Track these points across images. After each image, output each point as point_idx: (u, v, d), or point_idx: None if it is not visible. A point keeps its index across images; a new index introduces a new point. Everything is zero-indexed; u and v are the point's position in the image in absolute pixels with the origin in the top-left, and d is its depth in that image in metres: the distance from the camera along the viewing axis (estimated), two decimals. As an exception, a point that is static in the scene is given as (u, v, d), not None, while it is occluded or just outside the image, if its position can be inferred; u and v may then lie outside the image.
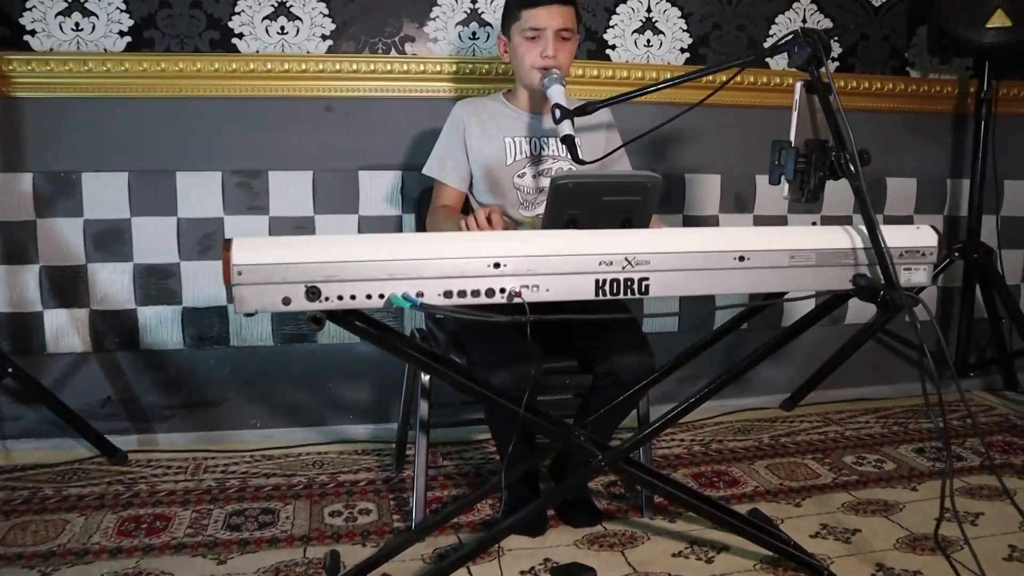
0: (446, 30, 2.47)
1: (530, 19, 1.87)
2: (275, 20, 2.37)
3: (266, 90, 2.38)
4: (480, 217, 1.65)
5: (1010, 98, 2.82)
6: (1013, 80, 2.80)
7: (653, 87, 1.75)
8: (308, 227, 2.45)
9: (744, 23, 2.64)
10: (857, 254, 1.53)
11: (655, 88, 1.76)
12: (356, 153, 2.45)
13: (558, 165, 2.00)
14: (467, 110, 2.02)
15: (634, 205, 1.52)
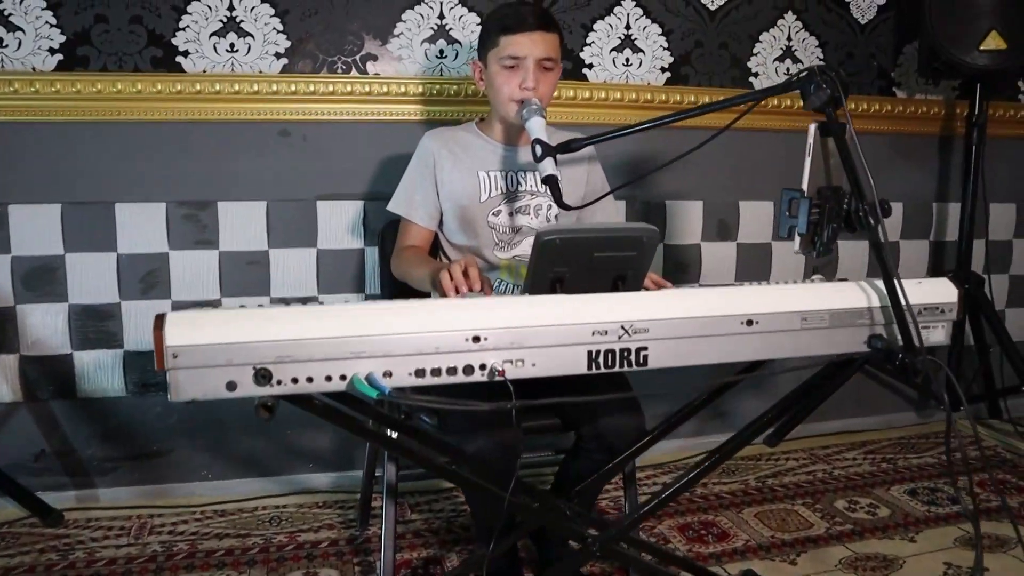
0: (411, 48, 2.29)
1: (509, 46, 1.70)
2: (224, 37, 2.16)
3: (215, 113, 2.18)
4: (456, 272, 1.47)
5: (996, 119, 2.72)
6: (999, 100, 2.71)
7: (650, 123, 1.60)
8: (262, 261, 2.25)
9: (727, 41, 2.50)
10: (873, 313, 1.39)
11: (651, 125, 1.61)
12: (314, 181, 2.26)
13: (536, 202, 1.84)
14: (437, 142, 1.85)
15: (628, 261, 1.36)
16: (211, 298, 2.22)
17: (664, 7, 2.43)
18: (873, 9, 2.61)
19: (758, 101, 1.52)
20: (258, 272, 2.25)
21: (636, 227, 1.34)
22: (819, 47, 2.57)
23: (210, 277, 2.22)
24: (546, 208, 1.85)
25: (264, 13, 2.18)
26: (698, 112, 1.58)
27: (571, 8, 2.37)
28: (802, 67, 1.35)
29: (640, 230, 1.33)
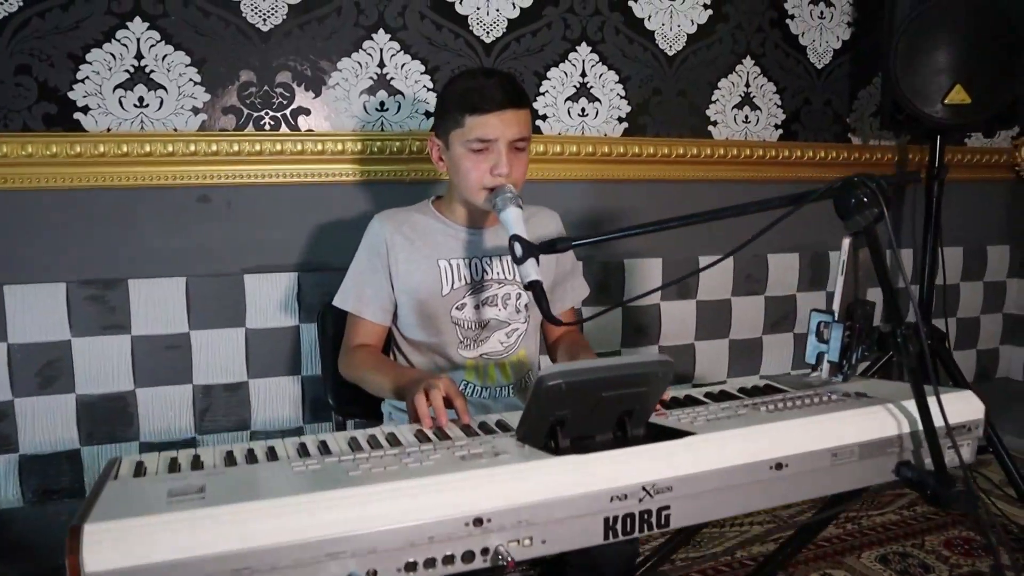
0: (348, 100, 2.04)
1: (477, 128, 1.49)
2: (131, 89, 1.87)
3: (122, 179, 1.88)
4: (436, 399, 1.27)
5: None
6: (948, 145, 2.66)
7: (653, 227, 1.43)
8: (182, 345, 1.97)
9: (685, 88, 2.36)
10: (903, 439, 1.26)
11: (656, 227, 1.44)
12: (240, 253, 2.00)
13: (504, 291, 1.64)
14: (389, 226, 1.62)
15: (638, 397, 1.18)
16: (123, 389, 1.93)
17: (621, 53, 2.27)
18: (829, 53, 2.51)
19: (797, 206, 1.35)
20: (178, 357, 1.97)
21: (650, 361, 1.16)
22: (777, 93, 2.46)
23: (121, 366, 1.93)
24: (515, 297, 1.65)
25: (178, 62, 1.90)
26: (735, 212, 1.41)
27: (522, 55, 2.17)
28: (840, 179, 1.19)
29: (655, 365, 1.15)
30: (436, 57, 2.09)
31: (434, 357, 1.64)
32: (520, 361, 1.68)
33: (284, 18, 1.96)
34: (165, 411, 1.98)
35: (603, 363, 1.14)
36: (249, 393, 2.04)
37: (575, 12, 2.21)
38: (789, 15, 2.45)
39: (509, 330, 1.66)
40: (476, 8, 2.11)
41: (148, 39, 1.87)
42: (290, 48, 1.98)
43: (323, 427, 2.11)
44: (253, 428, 2.05)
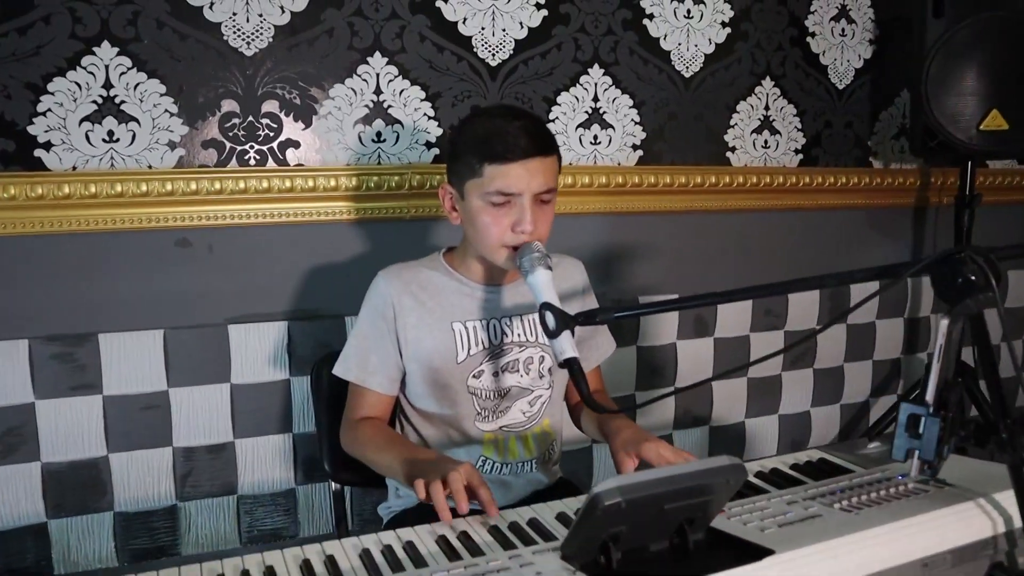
0: (341, 131, 1.86)
1: (498, 179, 1.31)
2: (99, 122, 1.67)
3: (90, 222, 1.69)
4: (456, 485, 1.10)
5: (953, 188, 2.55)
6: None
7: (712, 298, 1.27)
8: (160, 405, 1.77)
9: (702, 112, 2.20)
10: (998, 540, 1.11)
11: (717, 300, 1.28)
12: (223, 301, 1.81)
13: (526, 355, 1.47)
14: (396, 285, 1.44)
15: (703, 505, 1.02)
16: (94, 455, 1.74)
17: (636, 75, 2.10)
18: (851, 73, 2.37)
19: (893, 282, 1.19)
20: (155, 418, 1.78)
21: (719, 467, 0.99)
22: (797, 116, 2.31)
23: (92, 430, 1.73)
24: (538, 361, 1.48)
25: (152, 91, 1.70)
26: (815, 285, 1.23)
27: (531, 79, 2.00)
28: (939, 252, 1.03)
29: (725, 471, 0.99)
30: (438, 83, 1.91)
31: (447, 430, 1.47)
32: (544, 432, 1.52)
33: (270, 41, 1.77)
34: (142, 477, 1.78)
35: (667, 473, 0.97)
36: (235, 454, 1.85)
37: (587, 32, 2.04)
38: (810, 32, 2.30)
39: (532, 398, 1.49)
40: (480, 29, 1.93)
41: (118, 66, 1.67)
42: (277, 74, 1.79)
43: (317, 489, 1.92)
44: (240, 492, 1.86)
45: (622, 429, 1.38)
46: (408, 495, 1.50)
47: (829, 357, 2.46)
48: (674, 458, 1.28)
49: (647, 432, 1.36)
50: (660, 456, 1.29)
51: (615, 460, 1.34)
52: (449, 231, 1.95)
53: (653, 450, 1.29)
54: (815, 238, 2.39)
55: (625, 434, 1.35)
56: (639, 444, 1.31)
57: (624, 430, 1.37)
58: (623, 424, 1.40)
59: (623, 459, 1.32)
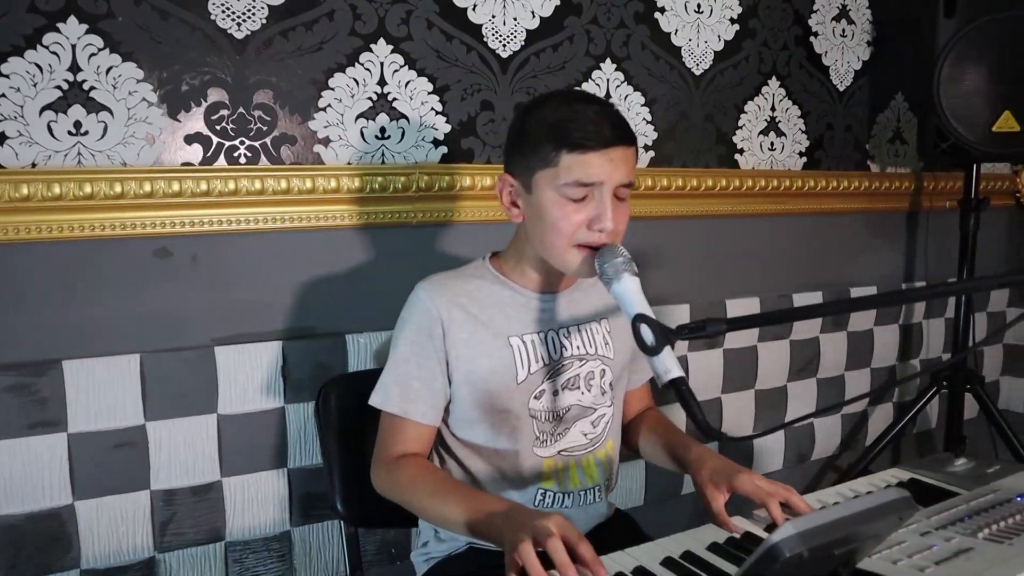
0: (342, 125, 1.65)
1: (577, 168, 1.15)
2: (64, 112, 1.42)
3: (53, 229, 1.43)
4: (560, 553, 0.92)
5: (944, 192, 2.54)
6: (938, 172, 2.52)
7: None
8: (136, 442, 1.52)
9: (712, 112, 2.09)
10: None
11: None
12: (209, 319, 1.57)
13: (587, 369, 1.30)
14: (443, 298, 1.25)
15: (866, 543, 0.88)
16: (57, 505, 1.47)
17: (647, 71, 1.97)
18: (850, 75, 2.31)
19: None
20: (130, 458, 1.52)
21: (892, 502, 0.86)
22: (801, 117, 2.24)
23: (55, 474, 1.46)
24: (599, 375, 1.32)
25: (127, 76, 1.46)
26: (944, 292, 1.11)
27: (542, 73, 1.84)
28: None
29: (899, 506, 0.86)
30: (446, 74, 1.73)
31: (500, 462, 1.29)
32: (608, 456, 1.36)
33: (264, 22, 1.55)
34: (114, 528, 1.52)
35: (841, 514, 0.82)
36: (223, 495, 1.61)
37: (599, 24, 1.90)
38: (813, 32, 2.23)
39: (595, 417, 1.32)
40: (491, 16, 1.76)
41: (87, 46, 1.42)
42: (271, 60, 1.57)
43: (315, 530, 1.70)
44: (229, 538, 1.62)
45: (706, 457, 1.23)
46: (453, 538, 1.31)
47: (832, 366, 2.38)
48: (773, 490, 1.14)
49: (732, 461, 1.22)
50: (758, 489, 1.15)
51: (703, 492, 1.19)
52: (459, 238, 1.78)
53: (749, 483, 1.15)
54: (817, 243, 2.32)
55: (712, 463, 1.21)
56: (731, 476, 1.17)
57: (709, 459, 1.23)
58: (705, 452, 1.26)
59: (712, 492, 1.17)
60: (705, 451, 1.26)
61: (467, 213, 1.77)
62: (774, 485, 1.15)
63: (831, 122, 2.30)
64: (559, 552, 0.92)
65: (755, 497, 1.14)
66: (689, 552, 1.04)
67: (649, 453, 1.42)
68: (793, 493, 1.14)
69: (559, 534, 0.95)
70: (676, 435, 1.38)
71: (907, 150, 2.46)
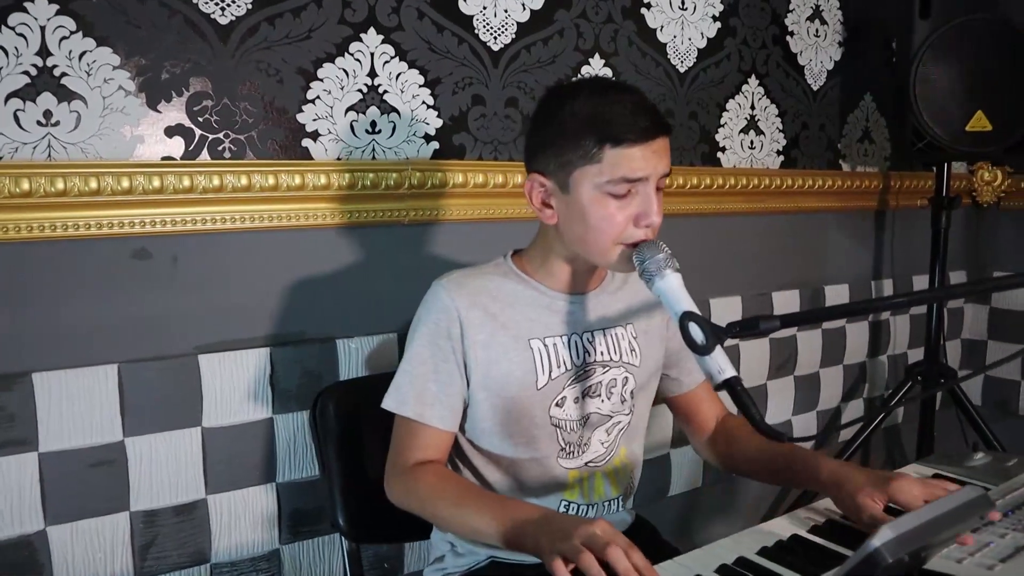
0: (332, 118, 1.56)
1: (622, 164, 1.09)
2: (33, 101, 1.30)
3: (21, 229, 1.30)
4: (622, 561, 0.86)
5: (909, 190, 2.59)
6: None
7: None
8: (115, 460, 1.40)
9: (696, 110, 2.07)
10: None
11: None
12: (192, 325, 1.46)
13: (610, 377, 1.25)
14: (463, 297, 1.18)
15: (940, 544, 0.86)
16: (27, 531, 1.34)
17: (634, 67, 1.94)
18: (823, 75, 2.33)
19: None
20: (108, 477, 1.40)
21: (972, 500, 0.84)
22: (778, 116, 2.24)
23: (25, 498, 1.33)
24: (621, 383, 1.27)
25: (102, 62, 1.34)
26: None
27: (533, 67, 1.79)
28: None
29: (979, 504, 0.84)
30: (437, 67, 1.66)
31: (519, 472, 1.22)
32: (624, 464, 1.31)
33: (249, 7, 1.46)
34: (91, 554, 1.39)
35: (934, 514, 0.80)
36: (208, 514, 1.50)
37: (588, 18, 1.85)
38: (789, 32, 2.24)
39: (609, 425, 1.27)
40: (482, 8, 1.70)
41: (58, 28, 1.30)
42: (257, 48, 1.47)
43: (306, 547, 1.60)
44: (214, 560, 1.51)
45: (846, 471, 1.13)
46: (471, 551, 1.24)
47: (808, 363, 2.40)
48: (931, 493, 1.04)
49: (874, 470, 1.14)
50: (915, 497, 1.04)
51: (853, 507, 1.09)
52: (453, 238, 1.71)
53: (908, 492, 1.05)
54: (792, 241, 2.33)
55: (859, 477, 1.10)
56: (886, 485, 1.07)
57: (849, 472, 1.13)
58: (835, 464, 1.16)
59: (871, 504, 1.06)
60: (837, 465, 1.17)
61: (460, 211, 1.71)
62: (932, 489, 1.05)
63: (806, 121, 2.31)
64: (622, 560, 0.87)
65: (914, 507, 1.02)
66: (743, 558, 1.00)
67: (746, 468, 1.33)
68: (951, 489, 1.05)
69: (610, 540, 0.89)
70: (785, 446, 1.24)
71: (875, 149, 2.50)
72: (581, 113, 1.12)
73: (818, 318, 1.15)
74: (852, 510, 1.09)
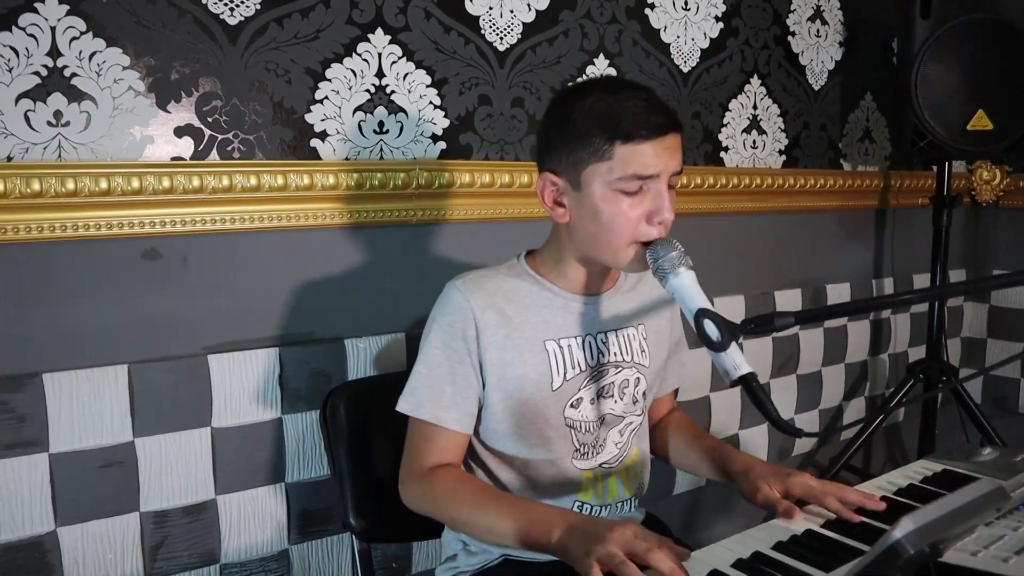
0: (340, 118, 1.57)
1: (635, 161, 1.10)
2: (43, 101, 1.30)
3: (32, 229, 1.30)
4: (664, 563, 0.88)
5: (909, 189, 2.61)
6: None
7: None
8: (125, 460, 1.40)
9: (699, 110, 2.08)
10: None
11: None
12: (202, 326, 1.46)
13: (623, 377, 1.26)
14: (478, 299, 1.18)
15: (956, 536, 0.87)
16: (38, 532, 1.34)
17: (639, 68, 1.95)
18: (824, 75, 2.34)
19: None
20: (118, 478, 1.40)
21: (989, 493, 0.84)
22: (780, 116, 2.25)
23: (36, 499, 1.33)
24: (634, 384, 1.27)
25: (112, 63, 1.35)
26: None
27: (538, 67, 1.79)
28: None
29: (995, 497, 0.84)
30: (444, 67, 1.67)
31: (533, 474, 1.23)
32: (636, 464, 1.32)
33: (258, 8, 1.46)
34: (101, 555, 1.39)
35: (953, 505, 0.80)
36: (218, 514, 1.50)
37: (592, 19, 1.86)
38: (791, 32, 2.25)
39: (622, 426, 1.28)
40: (488, 8, 1.71)
41: (68, 28, 1.30)
42: (266, 49, 1.48)
43: (315, 547, 1.60)
44: (224, 560, 1.51)
45: (754, 463, 1.22)
46: (484, 550, 1.24)
47: (810, 362, 2.41)
48: (825, 488, 1.12)
49: (779, 466, 1.20)
50: (811, 488, 1.12)
51: (755, 493, 1.16)
52: (460, 237, 1.71)
53: (803, 484, 1.13)
54: (795, 240, 2.34)
55: (761, 468, 1.20)
56: (784, 478, 1.15)
57: (757, 464, 1.22)
58: (751, 459, 1.25)
59: (767, 490, 1.14)
60: (750, 458, 1.24)
61: (467, 211, 1.71)
62: (824, 484, 1.13)
63: (807, 121, 2.33)
64: (666, 562, 0.88)
65: (809, 497, 1.12)
66: (758, 553, 1.01)
67: (681, 460, 1.39)
68: (848, 491, 1.12)
69: (655, 546, 0.90)
70: (711, 440, 1.36)
71: (876, 148, 2.52)
72: (592, 111, 1.12)
73: (830, 315, 1.16)
74: (751, 493, 1.17)
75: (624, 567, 0.88)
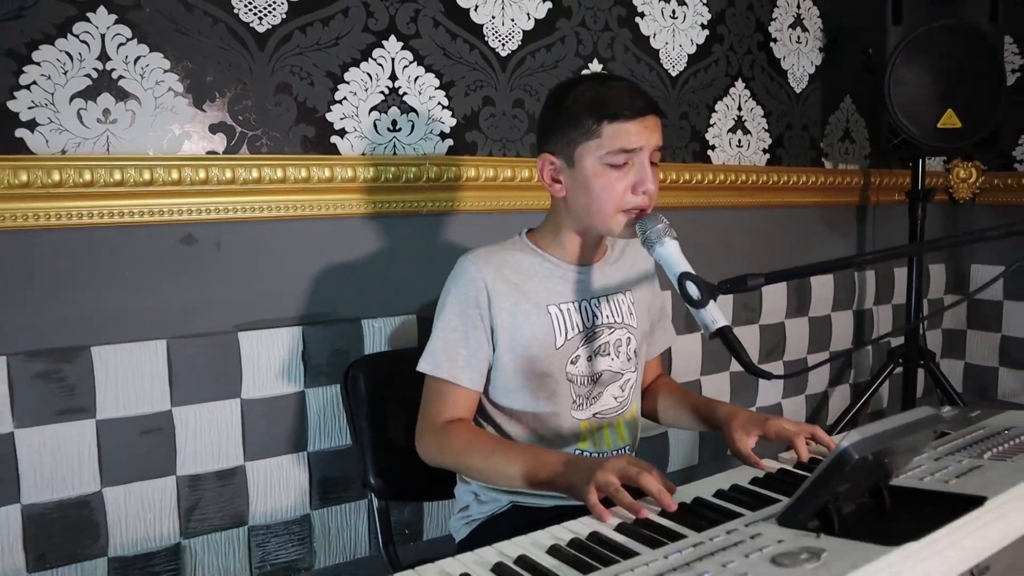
0: (357, 117, 1.72)
1: (619, 137, 1.25)
2: (93, 99, 1.44)
3: (82, 215, 1.45)
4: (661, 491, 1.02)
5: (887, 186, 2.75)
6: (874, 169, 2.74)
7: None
8: (163, 427, 1.54)
9: (687, 111, 2.23)
10: None
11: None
12: (233, 305, 1.61)
13: (616, 337, 1.40)
14: (489, 269, 1.33)
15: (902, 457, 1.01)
16: (86, 492, 1.47)
17: (631, 72, 2.10)
18: (805, 78, 2.50)
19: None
20: (157, 443, 1.54)
21: (930, 416, 0.98)
22: (764, 117, 2.40)
23: (84, 461, 1.47)
24: (626, 343, 1.42)
25: (154, 66, 1.49)
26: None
27: (537, 71, 1.94)
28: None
29: (934, 420, 0.98)
30: (451, 71, 1.82)
31: (538, 426, 1.37)
32: (634, 418, 1.46)
33: (283, 17, 1.61)
34: (142, 514, 1.53)
35: (897, 423, 0.94)
36: (247, 480, 1.63)
37: (587, 27, 2.02)
38: (773, 38, 2.41)
39: (622, 382, 1.42)
40: (491, 17, 1.86)
41: (116, 35, 1.45)
42: (291, 54, 1.63)
43: (334, 512, 1.73)
44: (251, 523, 1.64)
45: (735, 411, 1.35)
46: (494, 499, 1.38)
47: (795, 349, 2.55)
48: (798, 429, 1.26)
49: (758, 412, 1.34)
50: (784, 429, 1.26)
51: (733, 439, 1.30)
52: (465, 227, 1.85)
53: (776, 425, 1.27)
54: (778, 235, 2.48)
55: (742, 415, 1.33)
56: (761, 423, 1.29)
57: (738, 412, 1.35)
58: (733, 408, 1.38)
59: (742, 437, 1.28)
60: (733, 407, 1.37)
61: (473, 203, 1.86)
62: (798, 425, 1.27)
63: (790, 122, 2.48)
64: (654, 483, 1.02)
65: (782, 437, 1.26)
66: (736, 485, 1.14)
67: (671, 417, 1.52)
68: (817, 429, 1.26)
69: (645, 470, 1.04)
70: (698, 398, 1.50)
71: (855, 148, 2.67)
72: (583, 97, 1.28)
73: (800, 275, 1.30)
74: (730, 441, 1.30)
75: (618, 494, 1.02)
